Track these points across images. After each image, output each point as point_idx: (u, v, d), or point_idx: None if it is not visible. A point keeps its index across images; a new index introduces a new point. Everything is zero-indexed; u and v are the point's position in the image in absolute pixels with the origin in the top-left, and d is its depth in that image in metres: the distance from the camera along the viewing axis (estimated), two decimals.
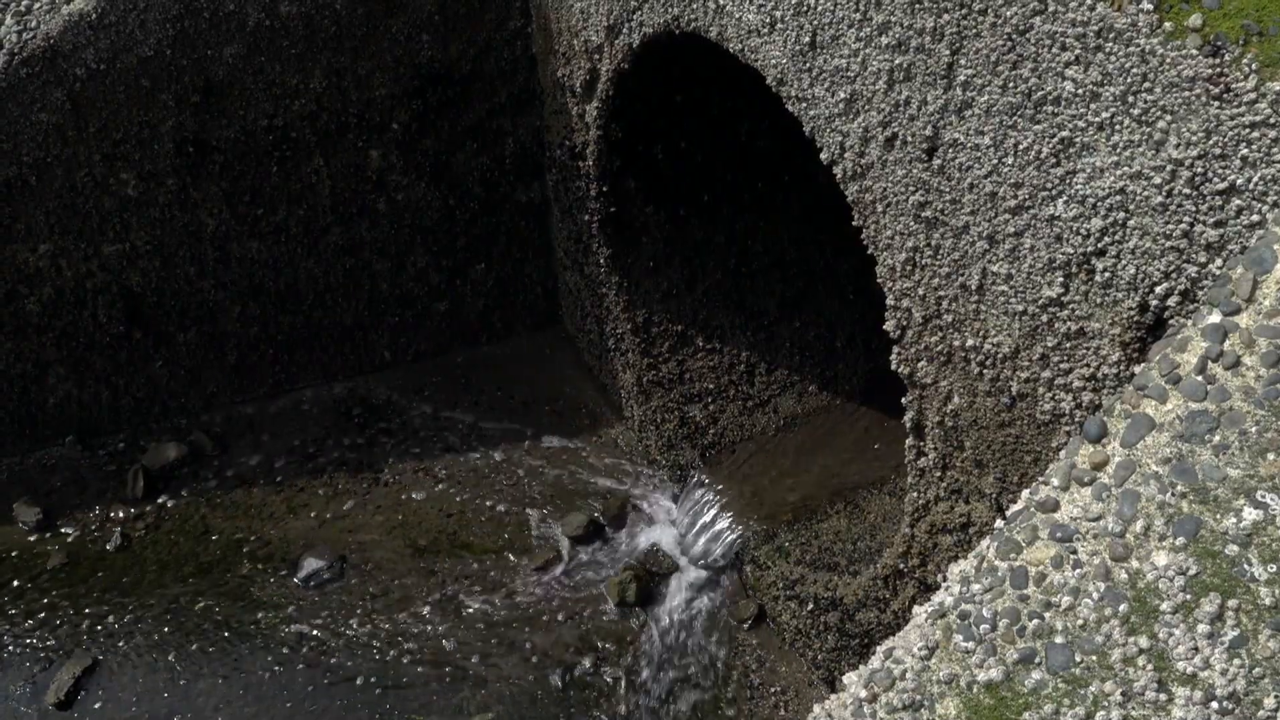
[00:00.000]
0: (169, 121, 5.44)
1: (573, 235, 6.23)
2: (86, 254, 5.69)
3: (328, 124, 5.78)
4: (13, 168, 5.26)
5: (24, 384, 6.03)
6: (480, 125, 6.14)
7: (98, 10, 4.98)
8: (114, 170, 5.48)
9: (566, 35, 5.41)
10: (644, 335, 5.99)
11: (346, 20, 5.46)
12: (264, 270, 6.12)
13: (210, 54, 5.33)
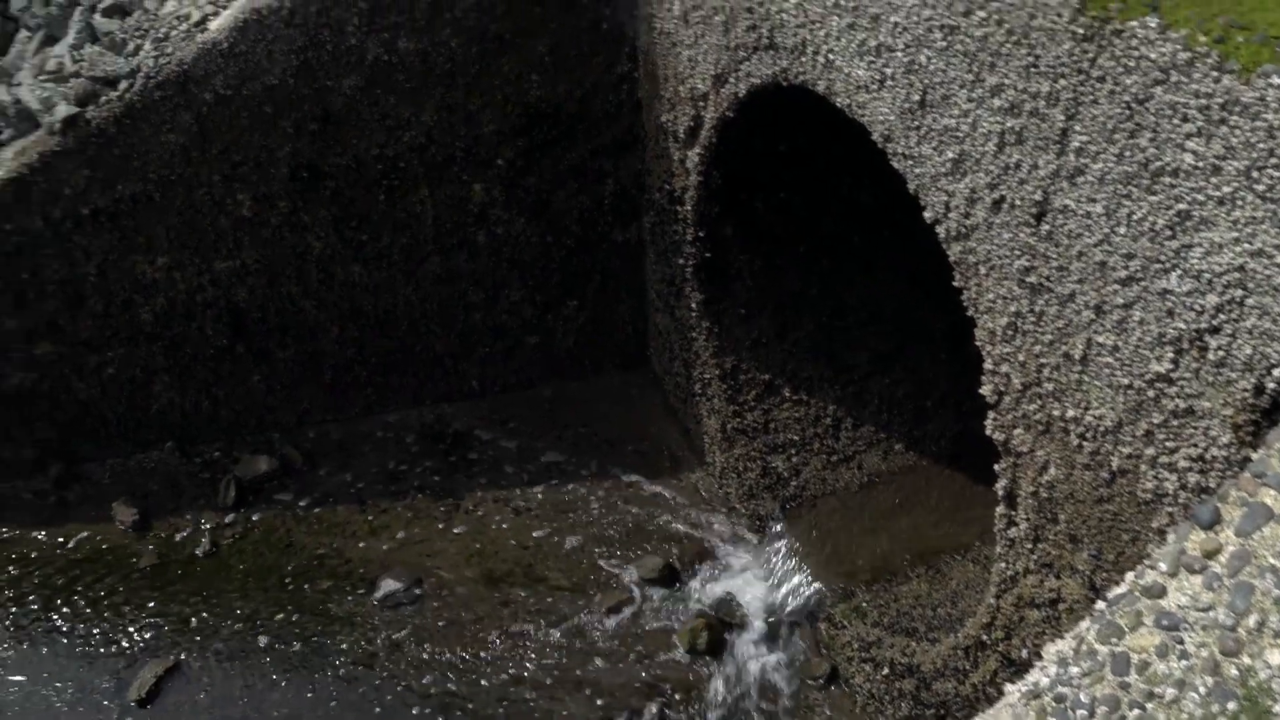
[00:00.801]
0: (286, 147, 5.65)
1: (666, 278, 6.26)
2: (200, 269, 5.92)
3: (435, 156, 5.93)
4: (140, 184, 5.51)
5: (132, 389, 6.27)
6: (582, 165, 6.24)
7: (229, 39, 5.22)
8: (232, 191, 5.71)
9: (673, 82, 5.48)
10: (731, 382, 5.97)
11: (461, 58, 5.62)
12: (364, 294, 6.28)
13: (330, 85, 5.53)
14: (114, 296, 5.91)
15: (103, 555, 6.12)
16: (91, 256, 5.73)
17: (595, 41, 5.81)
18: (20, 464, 6.33)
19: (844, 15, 3.85)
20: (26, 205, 5.45)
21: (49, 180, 5.39)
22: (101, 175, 5.45)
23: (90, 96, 5.26)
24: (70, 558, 6.10)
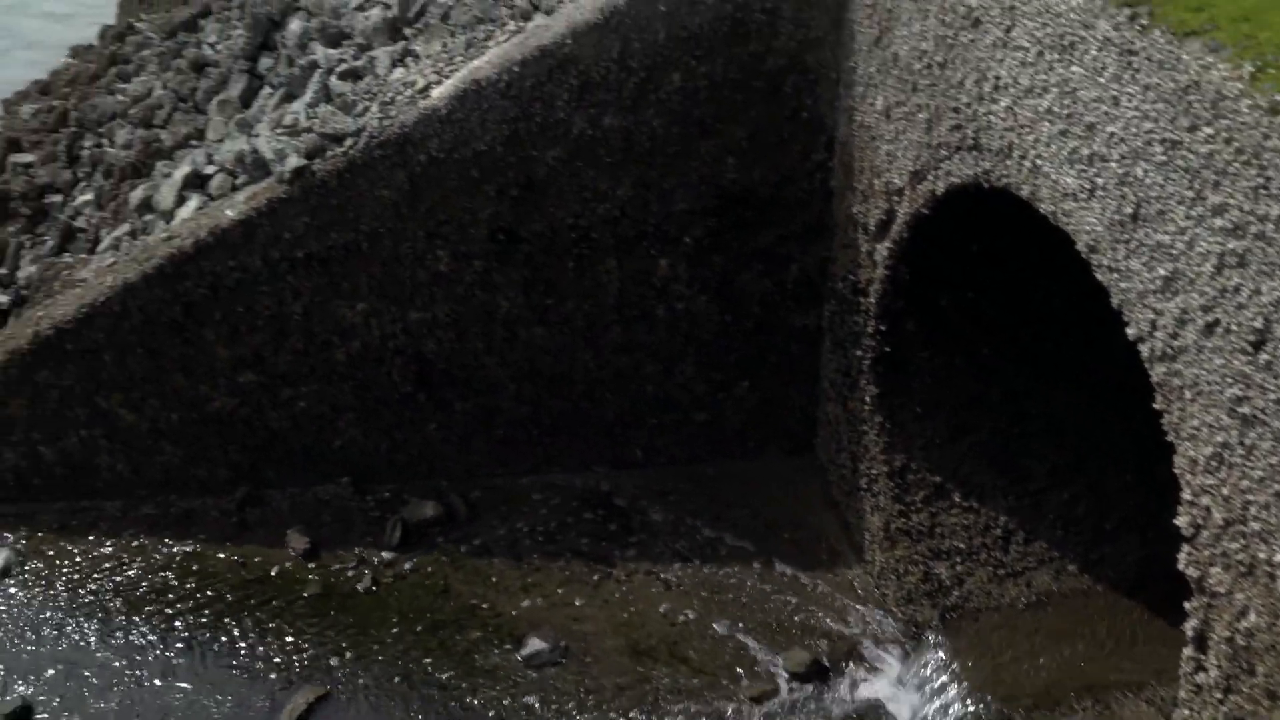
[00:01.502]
0: (488, 210, 5.93)
1: (842, 368, 6.20)
2: (395, 317, 6.24)
3: (626, 230, 6.10)
4: (351, 234, 5.89)
5: (319, 424, 6.63)
6: (768, 249, 6.29)
7: (448, 107, 5.56)
8: (433, 247, 6.02)
9: (868, 174, 5.49)
10: (899, 480, 5.83)
11: (662, 138, 5.81)
12: (544, 356, 6.47)
13: (535, 154, 5.79)
14: (314, 336, 6.29)
15: (273, 578, 6.42)
16: (299, 297, 6.13)
17: (794, 130, 5.90)
18: (213, 482, 6.76)
19: (1056, 122, 3.79)
20: (250, 245, 5.89)
21: (272, 224, 5.82)
22: (318, 223, 5.84)
23: (319, 151, 5.67)
24: (244, 577, 6.43)
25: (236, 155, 6.22)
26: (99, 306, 6.09)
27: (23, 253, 7.94)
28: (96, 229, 7.40)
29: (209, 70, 7.64)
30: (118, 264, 6.30)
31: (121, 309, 6.06)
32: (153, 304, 6.05)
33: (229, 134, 6.83)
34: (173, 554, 6.53)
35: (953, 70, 4.47)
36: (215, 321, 6.14)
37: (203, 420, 6.53)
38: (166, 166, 7.00)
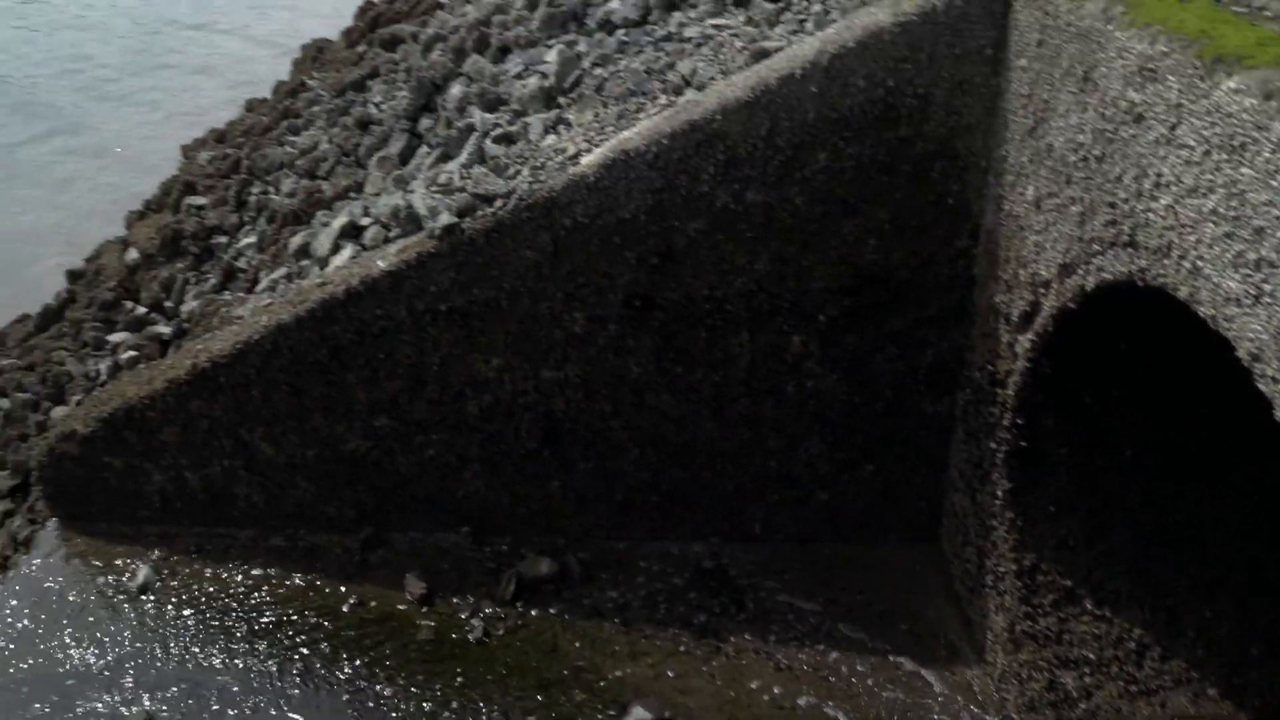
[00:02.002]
0: (626, 276, 6.04)
1: (973, 459, 6.04)
2: (527, 374, 6.38)
3: (761, 304, 6.12)
4: (493, 291, 6.07)
5: (445, 472, 6.79)
6: (904, 332, 6.21)
7: (596, 174, 5.72)
8: (570, 308, 6.15)
9: (1013, 264, 5.38)
10: (1027, 581, 5.60)
11: (804, 215, 5.83)
12: (669, 423, 6.50)
13: (676, 225, 5.89)
14: (449, 387, 6.47)
15: (388, 621, 6.55)
16: (438, 348, 6.33)
17: (938, 215, 5.84)
18: (340, 521, 6.98)
19: (1221, 224, 3.65)
20: (397, 295, 6.13)
21: (420, 277, 6.05)
22: (463, 279, 6.04)
23: (469, 209, 5.89)
24: (362, 616, 6.58)
25: (392, 209, 6.51)
26: (252, 344, 6.40)
27: (187, 288, 8.44)
28: (256, 270, 7.82)
29: (372, 128, 8.05)
30: (273, 305, 6.62)
31: (273, 348, 6.37)
32: (302, 345, 6.34)
33: (386, 189, 7.15)
34: (297, 587, 6.75)
35: (1111, 165, 4.38)
36: (358, 366, 6.39)
37: (337, 459, 6.77)
38: (325, 216, 7.36)
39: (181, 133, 12.81)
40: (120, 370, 7.81)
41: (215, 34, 18.51)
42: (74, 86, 16.01)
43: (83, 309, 8.95)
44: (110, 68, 16.79)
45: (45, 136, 14.27)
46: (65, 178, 12.95)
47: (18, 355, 8.76)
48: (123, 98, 15.52)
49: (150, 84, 16.08)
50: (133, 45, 17.99)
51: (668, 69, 6.41)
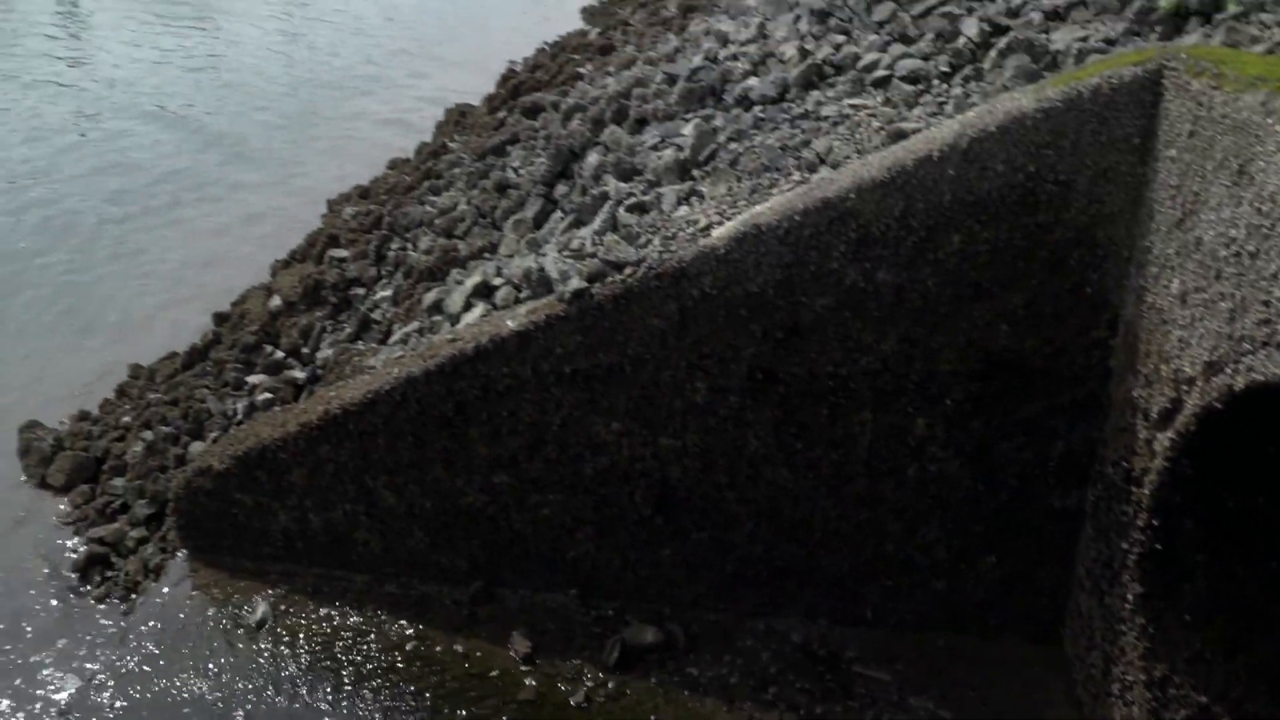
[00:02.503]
0: (750, 349, 6.05)
1: (1102, 558, 5.78)
2: (645, 440, 6.41)
3: (886, 384, 6.03)
4: (617, 356, 6.15)
5: (558, 532, 6.84)
6: (1033, 421, 6.03)
7: (726, 247, 5.77)
8: (692, 377, 6.18)
9: (1155, 359, 5.19)
10: (1158, 694, 5.29)
11: (934, 297, 5.75)
12: (785, 498, 6.43)
13: (804, 300, 5.88)
14: (568, 448, 6.55)
15: (492, 677, 6.58)
16: (560, 409, 6.42)
17: (1074, 304, 5.69)
18: (452, 572, 7.08)
19: None
20: (524, 355, 6.26)
21: (547, 339, 6.17)
22: (589, 343, 6.14)
23: (599, 275, 6.00)
24: (467, 670, 6.64)
25: (524, 271, 6.69)
26: (382, 394, 6.61)
27: (324, 336, 8.80)
28: (390, 323, 8.11)
29: (510, 191, 8.32)
30: (404, 357, 6.84)
31: (401, 399, 6.56)
32: (429, 398, 6.52)
33: (519, 251, 7.36)
34: (406, 635, 6.86)
35: (1265, 261, 4.20)
36: (481, 422, 6.53)
37: (454, 511, 6.90)
38: (460, 274, 7.61)
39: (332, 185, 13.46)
40: (256, 410, 8.16)
41: (370, 96, 19.46)
42: (224, 153, 17.01)
43: (226, 350, 9.41)
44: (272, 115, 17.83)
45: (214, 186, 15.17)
46: (219, 227, 13.68)
47: (164, 390, 9.23)
48: (271, 156, 16.41)
49: (306, 137, 16.97)
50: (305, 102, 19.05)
51: (803, 146, 6.47)
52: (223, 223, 13.69)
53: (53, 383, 10.02)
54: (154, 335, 10.70)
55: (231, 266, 12.07)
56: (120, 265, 12.50)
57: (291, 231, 12.20)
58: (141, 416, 8.87)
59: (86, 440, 8.87)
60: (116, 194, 14.73)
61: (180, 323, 10.84)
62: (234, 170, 15.61)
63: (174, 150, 16.62)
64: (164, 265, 12.49)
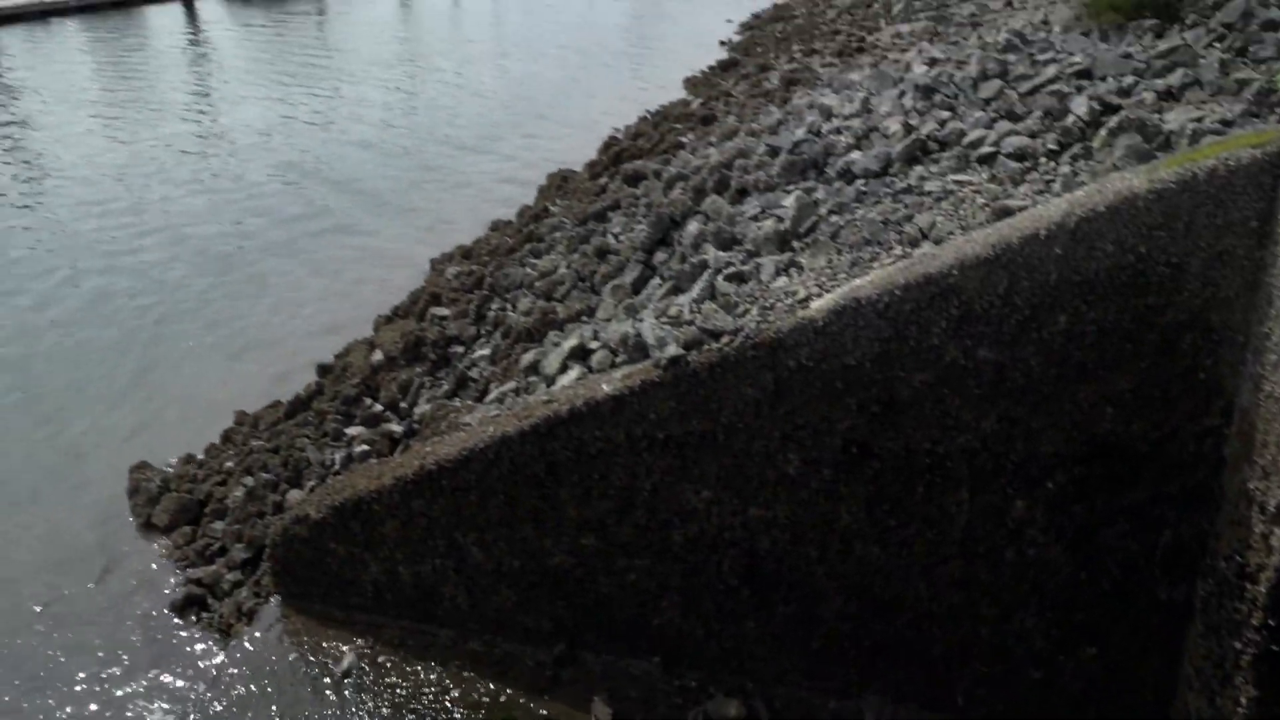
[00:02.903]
0: (845, 422, 5.98)
1: (1214, 657, 5.51)
2: (735, 510, 6.36)
3: (984, 464, 5.90)
4: (710, 424, 6.14)
5: (643, 599, 6.80)
6: (1139, 508, 5.82)
7: (825, 319, 5.75)
8: (785, 449, 6.13)
9: (1272, 449, 4.98)
10: None
11: (1037, 377, 5.63)
12: (876, 576, 6.30)
13: (901, 375, 5.81)
14: (657, 514, 6.54)
15: None
16: (651, 475, 6.43)
17: (1185, 389, 5.51)
18: (537, 633, 7.09)
19: None
20: (617, 419, 6.30)
21: (641, 403, 6.21)
22: (683, 409, 6.16)
23: (696, 343, 6.03)
24: None
25: (621, 336, 6.76)
26: (476, 452, 6.71)
27: (422, 391, 8.99)
28: (487, 381, 8.26)
29: (609, 256, 8.46)
30: (500, 416, 6.95)
31: (495, 457, 6.65)
32: (522, 458, 6.59)
33: (617, 315, 7.45)
34: (488, 693, 6.86)
35: None
36: (572, 483, 6.57)
37: (541, 572, 6.93)
38: (557, 336, 7.73)
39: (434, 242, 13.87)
40: (353, 462, 8.36)
41: (482, 155, 20.06)
42: (350, 193, 17.67)
43: (327, 401, 9.68)
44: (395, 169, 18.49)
45: (322, 233, 15.75)
46: (328, 280, 14.14)
47: (267, 438, 9.52)
48: (387, 204, 16.97)
49: (417, 197, 17.53)
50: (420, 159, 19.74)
51: (905, 221, 6.45)
52: (331, 276, 14.16)
53: (164, 424, 10.43)
54: (261, 383, 11.07)
55: (338, 318, 12.46)
56: (231, 315, 13.01)
57: (397, 287, 12.57)
58: (244, 462, 9.15)
59: (191, 483, 9.17)
60: (227, 245, 15.39)
61: (286, 373, 11.20)
62: (347, 227, 16.18)
63: (290, 205, 17.31)
64: (273, 316, 12.95)
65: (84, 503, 9.20)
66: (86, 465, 9.75)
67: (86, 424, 10.45)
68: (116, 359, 11.82)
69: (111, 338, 12.37)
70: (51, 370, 11.59)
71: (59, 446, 10.07)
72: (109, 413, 10.67)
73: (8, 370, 11.59)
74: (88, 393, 11.06)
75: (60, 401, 10.90)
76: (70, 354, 11.98)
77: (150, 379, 11.36)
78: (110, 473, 9.47)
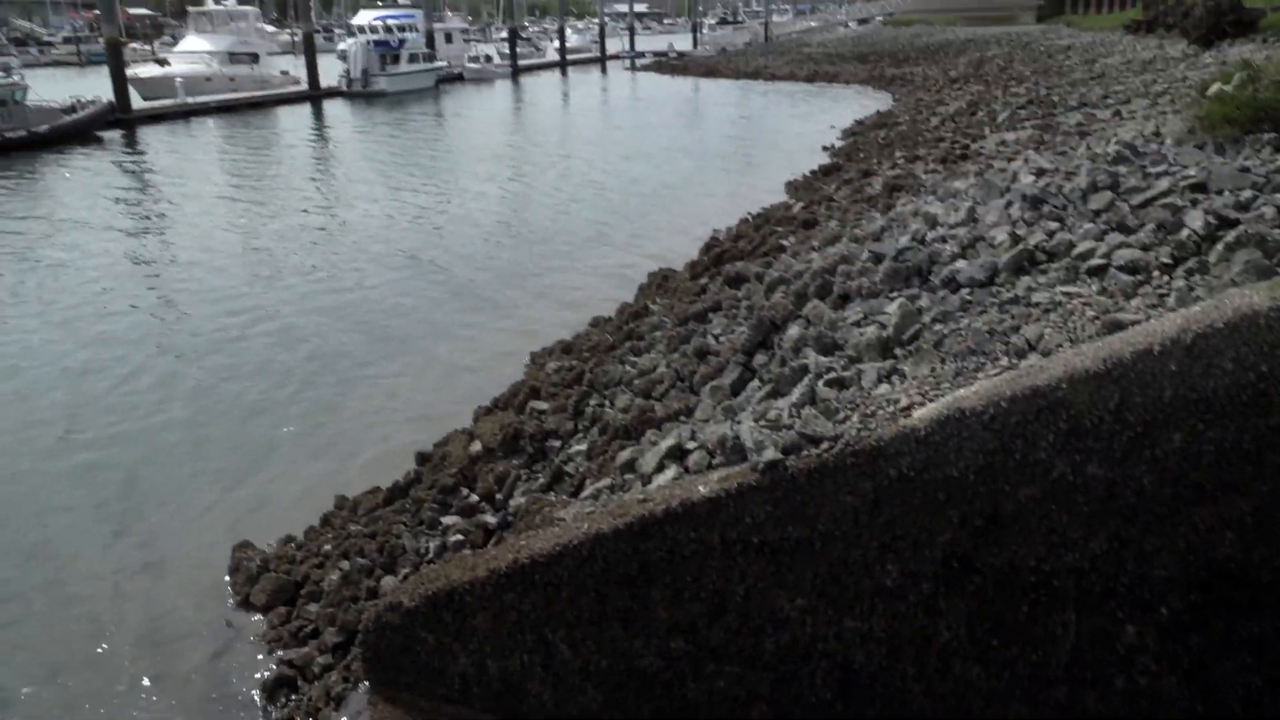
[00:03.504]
0: (946, 535, 5.83)
1: None
2: (830, 620, 6.21)
3: (1093, 584, 5.67)
4: (806, 530, 6.05)
5: (731, 706, 6.62)
6: (1262, 640, 5.50)
7: (927, 429, 5.66)
8: (883, 559, 5.99)
9: None
10: None
11: (1150, 496, 5.43)
12: (976, 697, 6.04)
13: (1006, 489, 5.66)
14: (749, 619, 6.41)
15: None
16: (744, 580, 6.33)
17: None
18: None
19: None
20: (712, 522, 6.25)
21: (737, 506, 6.16)
22: (779, 514, 6.08)
23: (795, 448, 5.99)
24: None
25: (719, 437, 6.75)
26: (570, 548, 6.71)
27: (518, 484, 9.08)
28: (583, 477, 8.31)
29: (709, 357, 8.51)
30: (594, 513, 6.96)
31: (588, 555, 6.64)
32: (615, 556, 6.57)
33: (715, 416, 7.46)
34: None
35: None
36: (664, 585, 6.50)
37: (628, 673, 6.82)
38: (654, 435, 7.75)
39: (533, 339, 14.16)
40: (446, 551, 8.44)
41: (588, 252, 20.53)
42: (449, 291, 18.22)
43: (425, 489, 9.84)
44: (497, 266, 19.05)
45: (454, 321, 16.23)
46: (432, 370, 14.50)
47: (364, 523, 9.70)
48: (490, 298, 17.42)
49: (517, 292, 17.97)
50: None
51: (1012, 331, 6.36)
52: (434, 366, 14.53)
53: (269, 505, 10.72)
54: (361, 468, 11.33)
55: (439, 408, 12.73)
56: (335, 402, 13.40)
57: (497, 379, 12.83)
58: (341, 546, 9.32)
59: (289, 564, 9.37)
60: (336, 335, 15.94)
61: (386, 459, 11.45)
62: (451, 319, 16.64)
63: (398, 297, 17.92)
64: (376, 404, 13.30)
65: (187, 578, 9.47)
66: (192, 542, 10.06)
67: (195, 502, 10.81)
68: (225, 440, 12.26)
69: (221, 420, 12.85)
70: (164, 448, 12.07)
71: (167, 523, 10.42)
72: (217, 492, 11.03)
73: (122, 445, 12.11)
74: (197, 471, 11.48)
75: (172, 479, 11.32)
76: (182, 434, 12.47)
77: (256, 461, 11.74)
78: (214, 550, 9.74)
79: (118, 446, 12.10)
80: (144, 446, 12.15)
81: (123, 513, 10.63)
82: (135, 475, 11.44)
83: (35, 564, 9.71)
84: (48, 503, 10.84)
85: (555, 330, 14.70)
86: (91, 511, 10.65)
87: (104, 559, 9.79)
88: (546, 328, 15.17)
